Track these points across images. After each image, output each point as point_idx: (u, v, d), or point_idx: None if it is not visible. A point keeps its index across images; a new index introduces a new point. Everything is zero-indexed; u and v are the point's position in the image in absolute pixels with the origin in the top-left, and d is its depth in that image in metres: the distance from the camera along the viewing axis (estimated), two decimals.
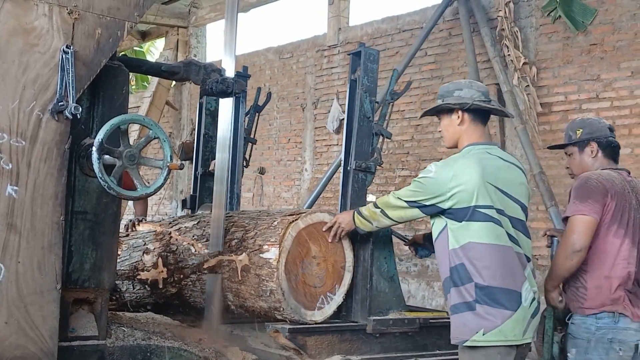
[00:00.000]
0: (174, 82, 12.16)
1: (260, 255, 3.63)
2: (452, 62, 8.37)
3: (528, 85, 7.41)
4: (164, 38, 13.75)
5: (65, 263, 2.92)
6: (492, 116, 3.44)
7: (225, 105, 3.82)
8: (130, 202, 7.74)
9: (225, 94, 3.59)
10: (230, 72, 3.66)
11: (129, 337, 3.25)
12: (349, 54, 4.41)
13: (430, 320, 4.07)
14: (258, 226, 3.82)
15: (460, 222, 3.02)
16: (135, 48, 15.35)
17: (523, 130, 7.22)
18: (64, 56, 2.74)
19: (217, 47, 13.43)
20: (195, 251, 4.02)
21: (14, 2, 2.69)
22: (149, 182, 2.97)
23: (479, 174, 3.01)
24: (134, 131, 10.40)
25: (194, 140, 14.01)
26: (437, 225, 3.15)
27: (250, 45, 13.62)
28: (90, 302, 3.08)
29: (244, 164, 5.23)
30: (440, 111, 3.25)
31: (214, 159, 4.94)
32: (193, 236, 4.13)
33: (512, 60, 7.46)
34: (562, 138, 3.69)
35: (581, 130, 3.47)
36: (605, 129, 3.48)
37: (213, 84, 3.54)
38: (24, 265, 2.70)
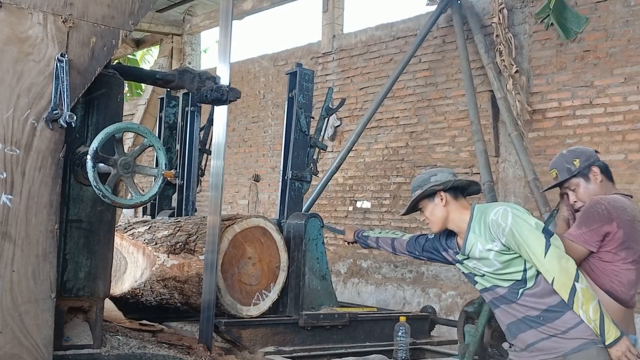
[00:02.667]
0: (168, 90, 12.14)
1: (200, 257, 4.01)
2: (446, 69, 8.39)
3: (519, 93, 7.43)
4: (158, 46, 13.75)
5: (60, 272, 2.92)
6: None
7: (220, 113, 3.82)
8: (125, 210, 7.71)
9: (220, 102, 3.59)
10: (224, 80, 3.66)
11: (123, 346, 3.24)
12: (286, 74, 4.79)
13: (360, 315, 4.46)
14: (200, 230, 4.20)
15: None
16: (129, 56, 15.34)
17: (517, 137, 7.23)
18: (58, 64, 2.74)
19: (212, 55, 13.43)
20: (145, 254, 4.42)
21: (8, 10, 2.69)
22: (143, 190, 2.97)
23: None
24: (128, 139, 10.39)
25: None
26: (530, 272, 2.96)
27: (245, 53, 13.63)
28: (85, 311, 3.07)
29: (200, 173, 5.64)
30: (420, 200, 3.20)
31: (172, 169, 5.40)
32: (144, 240, 4.50)
33: (505, 67, 7.48)
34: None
35: (578, 159, 3.39)
36: (594, 154, 3.42)
37: (208, 92, 3.54)
38: (19, 274, 2.69)
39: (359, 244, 3.83)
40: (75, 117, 2.75)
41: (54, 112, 2.72)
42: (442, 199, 3.14)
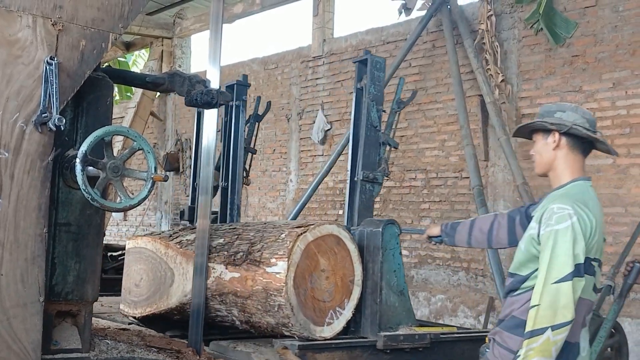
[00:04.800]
0: (158, 93, 12.13)
1: (268, 269, 3.51)
2: (436, 74, 8.42)
3: (504, 102, 7.49)
4: (148, 49, 13.73)
5: (49, 275, 2.90)
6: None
7: (210, 117, 3.82)
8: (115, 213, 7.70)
9: (210, 105, 3.58)
10: (215, 83, 3.66)
11: (112, 350, 3.23)
12: (354, 62, 4.26)
13: (441, 336, 3.92)
14: (264, 239, 3.69)
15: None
16: (119, 59, 15.31)
17: (506, 141, 7.27)
18: (47, 67, 2.73)
19: (202, 58, 13.43)
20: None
21: None
22: (133, 194, 2.97)
23: (597, 221, 2.63)
24: (117, 142, 10.36)
25: (178, 151, 14.01)
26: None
27: (235, 56, 13.63)
28: (74, 315, 3.06)
29: (244, 174, 5.16)
30: (534, 131, 2.85)
31: (214, 170, 5.09)
32: (195, 249, 3.92)
33: (491, 75, 7.53)
34: None
35: None
36: None
37: (198, 95, 3.54)
38: (7, 278, 2.68)
39: (444, 239, 3.46)
40: (64, 120, 2.74)
41: (43, 115, 2.71)
42: (554, 141, 2.75)
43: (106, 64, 11.94)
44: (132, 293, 4.21)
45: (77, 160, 2.75)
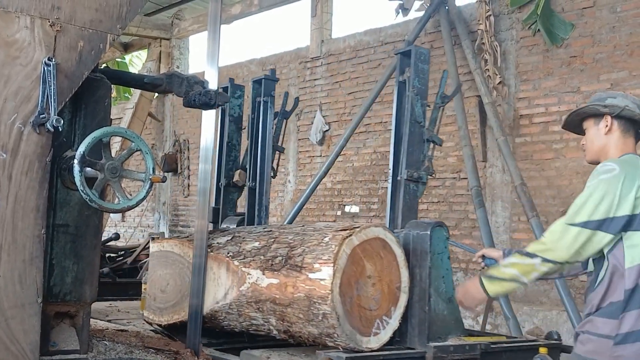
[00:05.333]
0: (156, 94, 12.13)
1: (311, 275, 3.27)
2: (434, 74, 8.37)
3: (499, 105, 7.50)
4: (146, 49, 13.73)
5: (47, 276, 2.90)
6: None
7: (209, 117, 3.82)
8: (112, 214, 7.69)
9: (208, 106, 3.58)
10: (213, 84, 3.66)
11: (110, 351, 3.23)
12: (396, 53, 4.03)
13: (492, 346, 3.70)
14: (305, 242, 3.43)
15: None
16: (117, 59, 15.31)
17: (504, 142, 7.27)
18: (45, 68, 2.73)
19: (200, 59, 13.43)
20: (229, 270, 3.67)
21: None
22: (131, 195, 2.97)
23: None
24: (115, 143, 10.36)
25: (176, 152, 14.00)
26: (597, 262, 2.65)
27: (233, 57, 13.62)
28: (72, 316, 3.06)
29: (272, 174, 4.87)
30: (585, 119, 2.85)
31: (238, 169, 4.83)
32: (228, 253, 3.74)
33: (489, 76, 7.55)
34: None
35: None
36: None
37: (196, 96, 3.54)
38: (5, 279, 2.68)
39: None
40: (62, 121, 2.74)
41: (41, 116, 2.71)
42: (606, 126, 2.74)
43: (104, 64, 11.94)
44: (157, 299, 4.00)
45: (75, 161, 2.75)
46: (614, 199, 2.54)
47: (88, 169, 2.81)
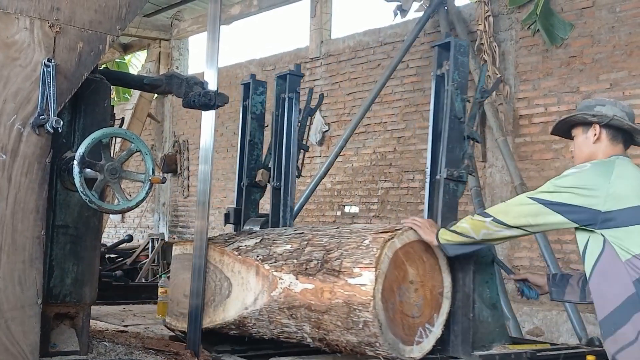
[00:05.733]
0: (155, 95, 12.14)
1: (350, 280, 3.07)
2: None
3: (501, 104, 7.50)
4: (146, 50, 13.74)
5: (47, 278, 2.90)
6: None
7: (208, 118, 3.82)
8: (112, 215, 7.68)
9: (208, 107, 3.58)
10: (212, 85, 3.66)
11: (110, 352, 3.23)
12: (433, 46, 3.83)
13: (538, 354, 3.50)
14: (342, 245, 3.25)
15: (627, 226, 2.56)
16: (117, 60, 15.31)
17: (504, 142, 7.28)
18: (45, 70, 2.73)
19: (199, 59, 13.44)
20: (259, 274, 3.49)
21: None
22: (130, 196, 2.97)
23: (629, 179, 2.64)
24: (115, 143, 10.37)
25: (176, 152, 13.99)
26: (592, 241, 2.65)
27: (233, 58, 13.63)
28: (72, 317, 3.06)
29: (297, 174, 4.64)
30: (573, 127, 2.87)
31: (261, 168, 4.65)
32: (257, 256, 3.55)
33: (489, 76, 7.55)
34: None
35: None
36: None
37: (195, 97, 3.54)
38: (5, 280, 2.68)
39: (551, 294, 3.18)
40: (61, 122, 2.74)
41: (41, 117, 2.71)
42: (595, 134, 2.76)
43: (104, 65, 11.95)
44: (180, 304, 3.84)
45: (75, 162, 2.75)
46: (576, 189, 2.62)
47: (88, 170, 2.81)
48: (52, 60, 2.75)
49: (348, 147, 8.76)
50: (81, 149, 2.77)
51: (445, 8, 8.15)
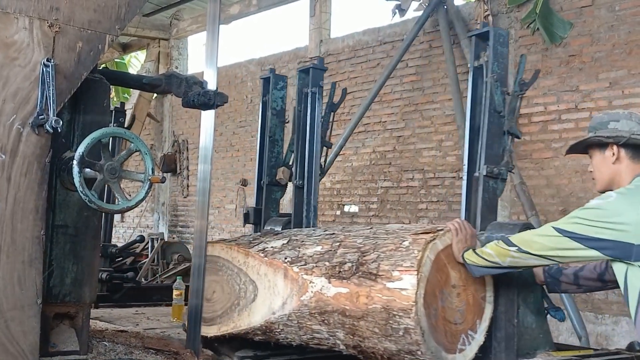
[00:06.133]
0: (155, 94, 12.14)
1: (389, 284, 2.90)
2: (432, 74, 8.43)
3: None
4: (145, 50, 13.73)
5: (46, 277, 2.90)
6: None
7: (208, 117, 3.82)
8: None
9: (207, 107, 3.58)
10: (212, 84, 3.66)
11: (110, 352, 3.23)
12: (470, 36, 3.66)
13: None
14: (379, 247, 3.08)
15: None
16: (116, 60, 15.31)
17: None
18: (44, 69, 2.73)
19: (198, 59, 13.44)
20: (288, 277, 3.33)
21: None
22: (130, 195, 2.97)
23: None
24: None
25: (175, 152, 14.00)
26: (631, 275, 2.51)
27: (232, 57, 13.64)
28: (72, 317, 3.06)
29: (320, 172, 4.47)
30: (589, 146, 2.74)
31: (281, 166, 4.54)
32: (285, 258, 3.38)
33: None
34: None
35: None
36: None
37: (195, 97, 3.54)
38: (4, 280, 2.68)
39: (548, 286, 3.14)
40: (61, 122, 2.74)
41: (40, 117, 2.71)
42: (613, 154, 2.64)
43: (103, 65, 11.94)
44: (202, 308, 3.64)
45: (75, 162, 2.75)
46: (604, 223, 2.48)
47: (87, 169, 2.81)
48: (52, 60, 2.75)
49: (347, 146, 8.76)
50: (80, 149, 2.77)
51: (445, 7, 8.15)
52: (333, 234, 3.43)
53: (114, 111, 7.10)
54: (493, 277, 3.09)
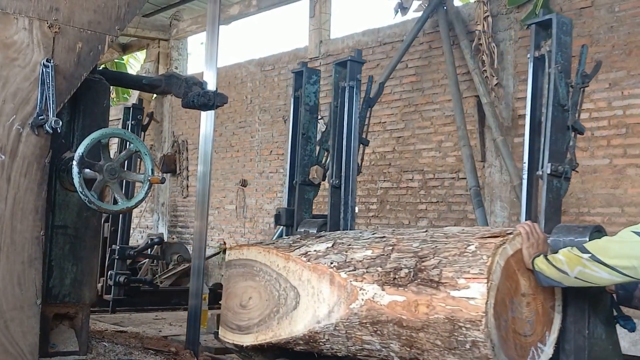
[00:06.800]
0: (154, 95, 12.14)
1: (454, 292, 2.66)
2: (432, 75, 8.43)
3: (496, 106, 7.51)
4: (145, 50, 13.73)
5: (46, 278, 2.90)
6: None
7: (207, 118, 3.82)
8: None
9: (207, 107, 3.59)
10: (211, 85, 3.66)
11: (109, 352, 3.23)
12: (530, 24, 3.42)
13: None
14: (440, 251, 2.83)
15: None
16: (116, 60, 15.30)
17: (503, 142, 7.27)
18: (44, 70, 2.73)
19: (198, 59, 13.45)
20: (334, 284, 3.09)
21: None
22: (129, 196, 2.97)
23: None
24: (114, 144, 10.36)
25: (175, 152, 13.97)
26: None
27: (232, 58, 13.65)
28: (71, 318, 3.06)
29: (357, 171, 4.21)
30: None
31: (315, 165, 4.35)
32: (331, 263, 3.15)
33: (486, 77, 7.56)
34: None
35: None
36: None
37: (194, 97, 3.55)
38: (4, 281, 2.68)
39: (618, 297, 2.90)
40: (60, 122, 2.74)
41: (40, 117, 2.71)
42: None
43: (103, 65, 11.94)
44: (237, 316, 3.46)
45: (74, 162, 2.75)
46: None
47: (87, 170, 2.81)
48: (51, 61, 2.75)
49: None
50: (80, 149, 2.77)
51: (444, 8, 8.14)
52: (384, 237, 3.19)
53: (131, 108, 7.07)
54: None
